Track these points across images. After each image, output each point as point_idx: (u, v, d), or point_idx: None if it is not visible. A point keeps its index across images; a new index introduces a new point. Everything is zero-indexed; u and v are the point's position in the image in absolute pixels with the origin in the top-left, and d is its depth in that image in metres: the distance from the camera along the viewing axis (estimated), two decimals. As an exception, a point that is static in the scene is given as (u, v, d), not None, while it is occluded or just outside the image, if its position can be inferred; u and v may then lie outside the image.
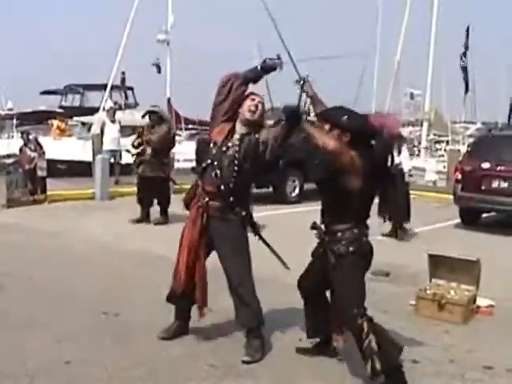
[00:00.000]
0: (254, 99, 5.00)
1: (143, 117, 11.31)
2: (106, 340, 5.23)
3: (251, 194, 5.38)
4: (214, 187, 4.91)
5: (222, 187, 4.88)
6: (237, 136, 4.96)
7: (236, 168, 4.89)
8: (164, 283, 5.72)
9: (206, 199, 4.95)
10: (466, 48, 27.62)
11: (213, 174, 4.91)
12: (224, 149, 4.93)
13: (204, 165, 4.99)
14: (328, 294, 4.87)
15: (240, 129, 4.99)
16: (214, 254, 5.12)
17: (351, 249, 4.49)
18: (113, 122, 16.91)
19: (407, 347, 5.25)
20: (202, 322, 5.53)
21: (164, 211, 11.26)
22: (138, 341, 5.24)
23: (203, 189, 4.99)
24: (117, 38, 21.28)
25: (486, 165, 11.63)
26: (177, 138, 21.76)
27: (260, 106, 5.02)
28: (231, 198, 4.91)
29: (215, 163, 4.92)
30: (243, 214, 4.99)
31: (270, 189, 15.05)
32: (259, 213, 8.99)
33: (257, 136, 4.95)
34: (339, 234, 4.53)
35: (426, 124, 24.14)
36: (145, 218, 11.22)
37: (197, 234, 4.98)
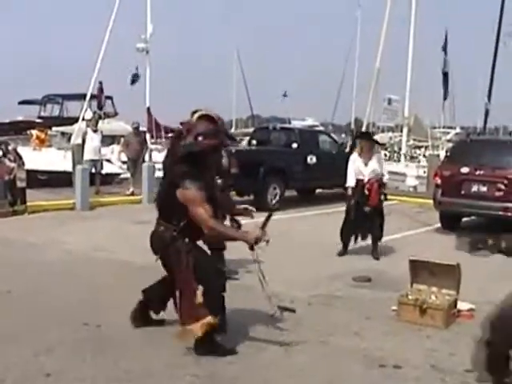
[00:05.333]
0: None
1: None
2: (87, 352, 5.17)
3: None
4: None
5: None
6: None
7: None
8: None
9: None
10: (445, 53, 27.87)
11: None
12: None
13: None
14: None
15: None
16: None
17: None
18: (95, 131, 16.87)
19: (389, 352, 5.29)
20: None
21: None
22: (119, 352, 5.19)
23: None
24: (95, 47, 21.19)
25: (465, 169, 11.72)
26: (157, 146, 21.96)
27: None
28: None
29: None
30: None
31: (251, 196, 15.05)
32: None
33: None
34: None
35: (405, 129, 24.28)
36: None
37: None
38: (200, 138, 5.06)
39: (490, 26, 26.42)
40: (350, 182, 9.59)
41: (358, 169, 9.53)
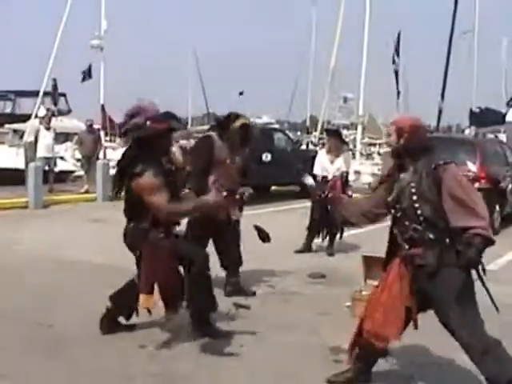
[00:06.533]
0: None
1: None
2: (41, 352, 5.11)
3: None
4: None
5: None
6: None
7: None
8: (99, 293, 5.66)
9: None
10: (397, 53, 28.34)
11: None
12: None
13: None
14: None
15: None
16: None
17: None
18: (48, 129, 16.64)
19: (344, 348, 5.32)
20: (137, 331, 5.52)
21: None
22: (73, 352, 5.14)
23: None
24: (49, 43, 20.91)
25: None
26: (112, 144, 21.77)
27: None
28: None
29: None
30: None
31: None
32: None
33: None
34: None
35: (360, 127, 24.53)
36: None
37: None
38: (148, 123, 5.01)
39: (444, 26, 26.90)
40: (315, 170, 9.70)
41: (323, 165, 9.66)
